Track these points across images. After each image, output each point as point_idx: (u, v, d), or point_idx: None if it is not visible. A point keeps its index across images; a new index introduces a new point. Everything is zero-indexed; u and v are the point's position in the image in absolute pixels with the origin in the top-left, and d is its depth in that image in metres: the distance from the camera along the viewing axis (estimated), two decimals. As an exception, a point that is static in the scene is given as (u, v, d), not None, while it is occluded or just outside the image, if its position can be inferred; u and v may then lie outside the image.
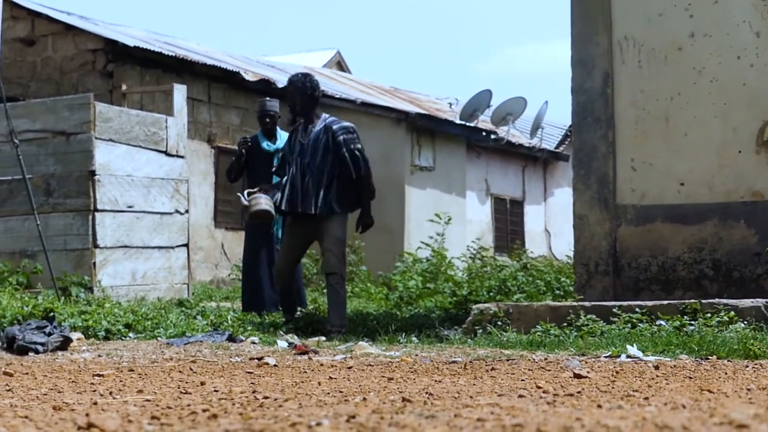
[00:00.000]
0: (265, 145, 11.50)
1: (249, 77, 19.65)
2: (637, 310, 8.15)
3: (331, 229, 9.68)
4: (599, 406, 3.67)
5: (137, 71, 18.24)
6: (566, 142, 25.58)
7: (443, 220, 16.61)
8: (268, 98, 12.19)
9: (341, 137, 9.73)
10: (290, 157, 9.86)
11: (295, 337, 8.93)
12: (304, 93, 9.87)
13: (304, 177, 9.67)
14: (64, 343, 7.75)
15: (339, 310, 9.60)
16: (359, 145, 9.79)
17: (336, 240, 9.69)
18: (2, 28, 16.05)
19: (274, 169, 10.48)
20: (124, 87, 15.91)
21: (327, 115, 10.05)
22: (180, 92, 13.07)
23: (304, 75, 10.11)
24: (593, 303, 8.52)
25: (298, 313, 10.86)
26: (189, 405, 4.07)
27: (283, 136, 11.56)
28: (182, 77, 18.06)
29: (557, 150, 25.71)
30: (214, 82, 19.50)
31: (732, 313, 7.86)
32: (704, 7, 9.19)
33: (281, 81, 20.53)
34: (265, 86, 19.60)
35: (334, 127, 9.82)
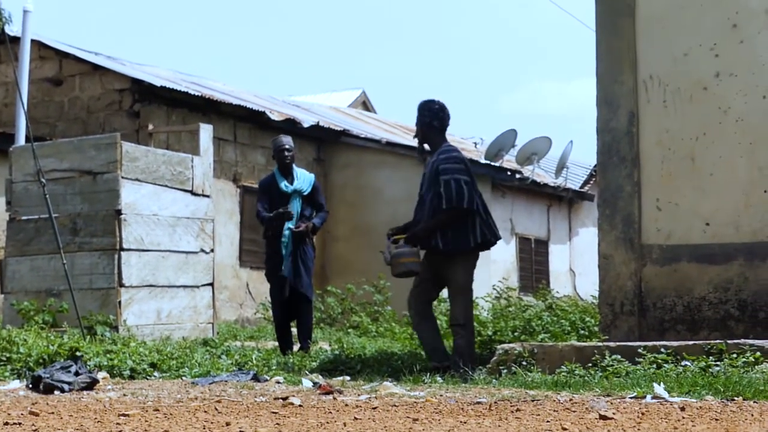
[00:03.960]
0: (283, 185, 11.30)
1: (275, 117, 19.74)
2: (662, 350, 8.10)
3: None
4: (625, 448, 3.66)
5: (164, 111, 18.36)
6: (591, 182, 25.60)
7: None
8: (281, 134, 12.10)
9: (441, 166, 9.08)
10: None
11: (320, 377, 8.90)
12: (422, 122, 9.30)
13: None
14: (91, 384, 7.74)
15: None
16: (457, 176, 9.02)
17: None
18: (30, 69, 16.18)
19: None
20: (150, 127, 15.97)
21: (446, 146, 9.29)
22: (206, 132, 13.12)
23: (427, 102, 9.38)
24: (618, 343, 8.48)
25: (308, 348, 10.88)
26: (214, 445, 4.07)
27: (300, 176, 11.45)
28: (208, 117, 18.18)
29: (582, 189, 25.71)
30: (240, 122, 19.60)
31: (758, 353, 7.80)
32: (730, 47, 9.18)
33: (307, 120, 20.65)
34: (290, 125, 19.68)
35: (440, 156, 9.14)
